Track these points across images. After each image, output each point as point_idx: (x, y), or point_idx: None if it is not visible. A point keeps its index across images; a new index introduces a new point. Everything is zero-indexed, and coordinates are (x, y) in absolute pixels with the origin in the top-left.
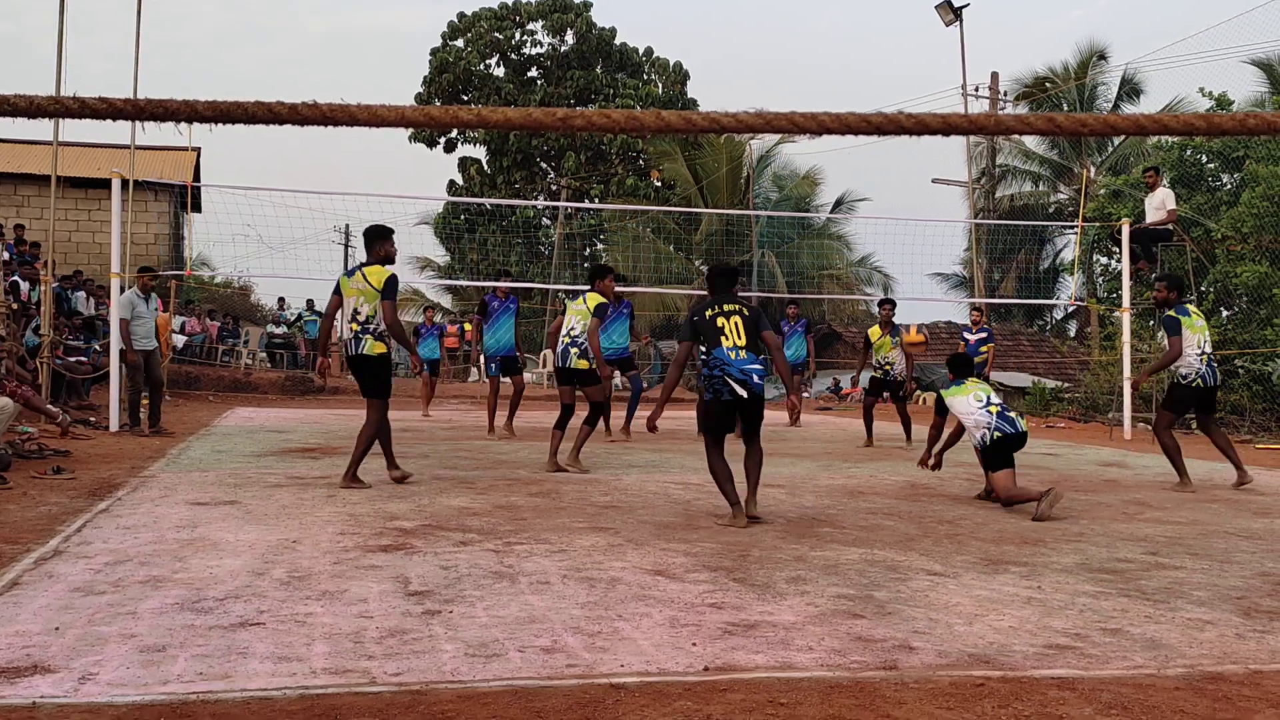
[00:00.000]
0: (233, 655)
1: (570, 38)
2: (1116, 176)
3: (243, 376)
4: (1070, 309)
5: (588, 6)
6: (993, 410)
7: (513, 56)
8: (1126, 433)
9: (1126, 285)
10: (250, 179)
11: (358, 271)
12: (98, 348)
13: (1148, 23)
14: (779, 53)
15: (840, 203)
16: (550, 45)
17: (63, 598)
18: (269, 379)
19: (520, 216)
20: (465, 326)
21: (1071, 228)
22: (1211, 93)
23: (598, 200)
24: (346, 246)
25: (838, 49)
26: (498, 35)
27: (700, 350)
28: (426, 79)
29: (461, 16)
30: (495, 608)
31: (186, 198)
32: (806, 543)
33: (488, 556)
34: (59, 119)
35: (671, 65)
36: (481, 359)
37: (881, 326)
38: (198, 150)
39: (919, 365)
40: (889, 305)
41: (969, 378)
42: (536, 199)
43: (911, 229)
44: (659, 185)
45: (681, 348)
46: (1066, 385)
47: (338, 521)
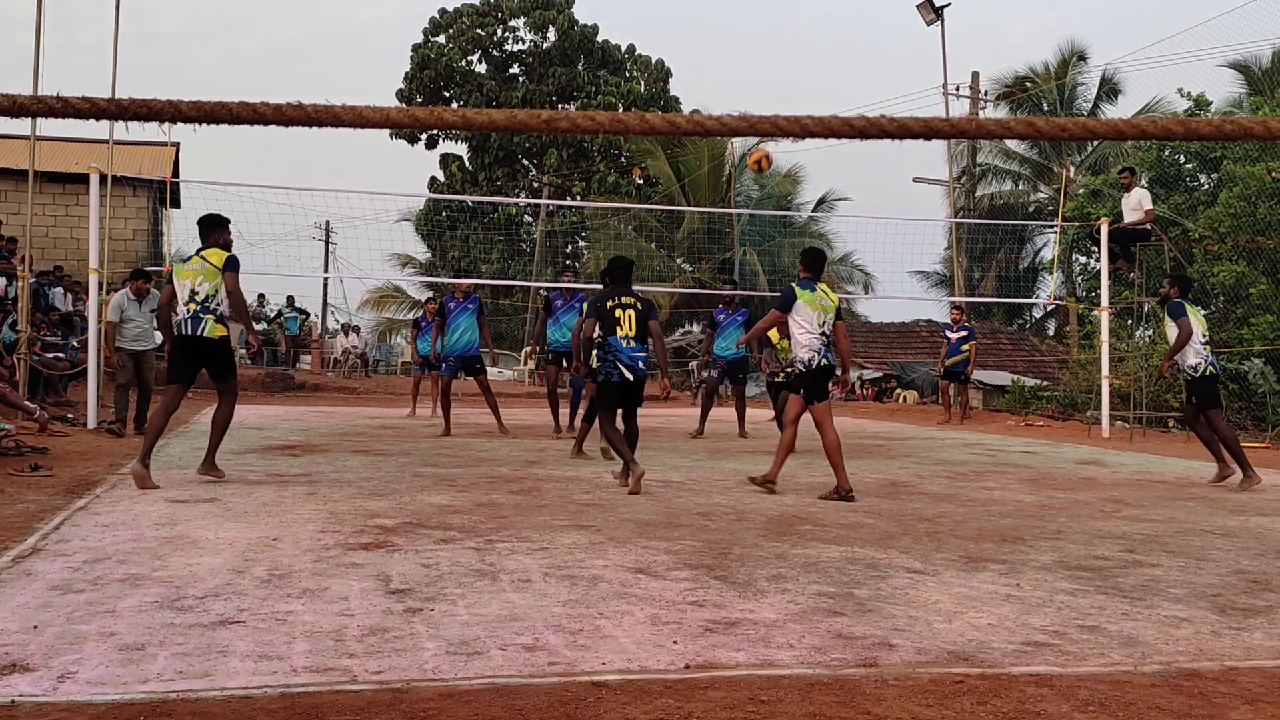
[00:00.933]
0: (213, 654)
1: (552, 35)
2: (1096, 176)
3: None
4: (1050, 308)
5: (570, 3)
6: (824, 339)
7: (494, 53)
8: (1105, 431)
9: (1105, 284)
10: (230, 174)
11: (194, 256)
12: (75, 344)
13: (1127, 24)
14: (761, 51)
15: (822, 201)
16: (532, 42)
17: (41, 596)
18: (249, 376)
19: (502, 214)
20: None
21: (1051, 227)
22: (1190, 93)
23: (580, 198)
24: (327, 243)
25: (820, 46)
26: (479, 32)
27: (597, 335)
28: (408, 75)
29: (443, 13)
30: (477, 606)
31: (165, 193)
32: (787, 540)
33: (469, 554)
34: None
35: (654, 63)
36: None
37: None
38: (177, 145)
39: (899, 364)
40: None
41: (820, 280)
42: (518, 196)
43: (892, 228)
44: (641, 183)
45: (587, 324)
46: (1046, 384)
47: (318, 519)
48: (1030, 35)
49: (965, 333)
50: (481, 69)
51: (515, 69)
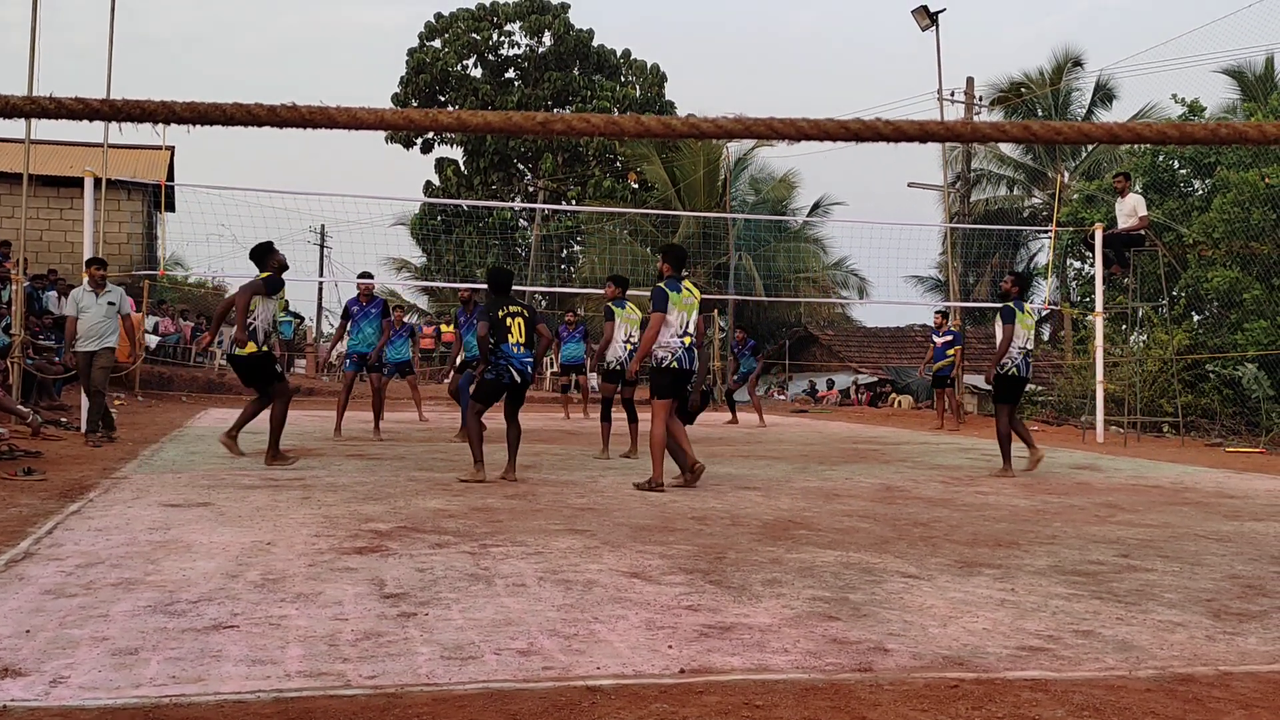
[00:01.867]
0: (206, 658)
1: (548, 39)
2: (1090, 181)
3: (216, 377)
4: (1044, 313)
5: (566, 8)
6: (685, 341)
7: (490, 58)
8: (1099, 436)
9: (1100, 289)
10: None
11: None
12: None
13: (1122, 30)
14: (757, 56)
15: (817, 206)
16: (528, 46)
17: (34, 600)
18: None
19: (497, 218)
20: (442, 328)
21: (1045, 232)
22: (1184, 99)
23: (575, 202)
24: (322, 247)
25: (816, 51)
26: (475, 36)
27: (490, 341)
28: (403, 79)
29: (439, 17)
30: (471, 610)
31: (160, 197)
32: (782, 545)
33: (463, 559)
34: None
35: (649, 67)
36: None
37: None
38: (171, 149)
39: (893, 369)
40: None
41: (685, 280)
42: (513, 200)
43: (887, 232)
44: (636, 187)
45: (482, 327)
46: (1040, 388)
47: (312, 523)
48: (1025, 41)
49: (950, 337)
50: (477, 73)
51: (511, 73)
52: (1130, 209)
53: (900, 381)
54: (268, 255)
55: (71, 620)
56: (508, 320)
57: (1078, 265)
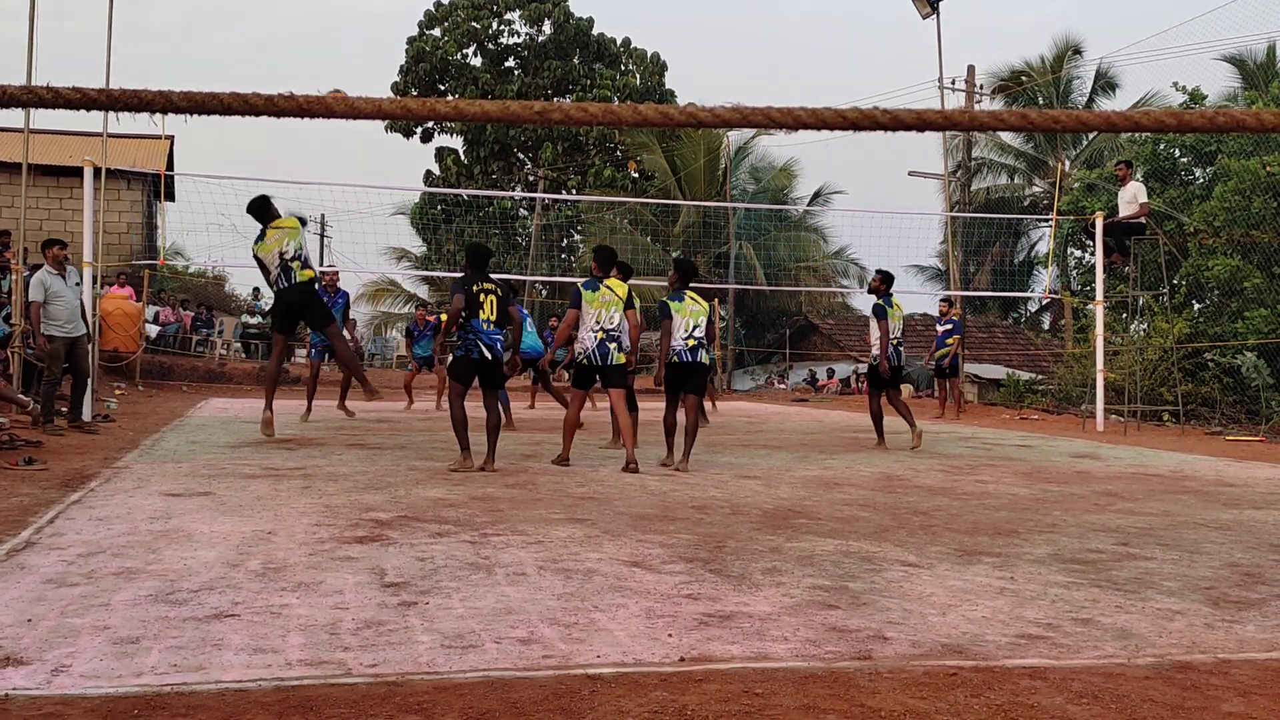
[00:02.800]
0: (207, 647)
1: (548, 28)
2: (1091, 170)
3: (217, 367)
4: (1045, 302)
5: None
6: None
7: (490, 46)
8: (1099, 425)
9: (1100, 278)
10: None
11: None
12: None
13: (1123, 17)
14: (757, 45)
15: (817, 195)
16: (528, 35)
17: (35, 589)
18: (243, 369)
19: (497, 207)
20: (442, 318)
21: (1046, 221)
22: (1185, 87)
23: (575, 191)
24: (323, 237)
25: (816, 40)
26: (475, 25)
27: (461, 315)
28: (403, 68)
29: (438, 5)
30: (471, 599)
31: (160, 186)
32: (782, 534)
33: (464, 548)
34: (31, 108)
35: (649, 56)
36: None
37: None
38: (171, 138)
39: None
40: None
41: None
42: (513, 190)
43: (888, 221)
44: (636, 176)
45: (458, 300)
46: (1040, 377)
47: (313, 513)
48: (1027, 29)
49: (950, 326)
50: (477, 62)
51: (511, 62)
52: (1131, 197)
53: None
54: (268, 209)
55: (73, 609)
56: (481, 296)
57: (1078, 254)
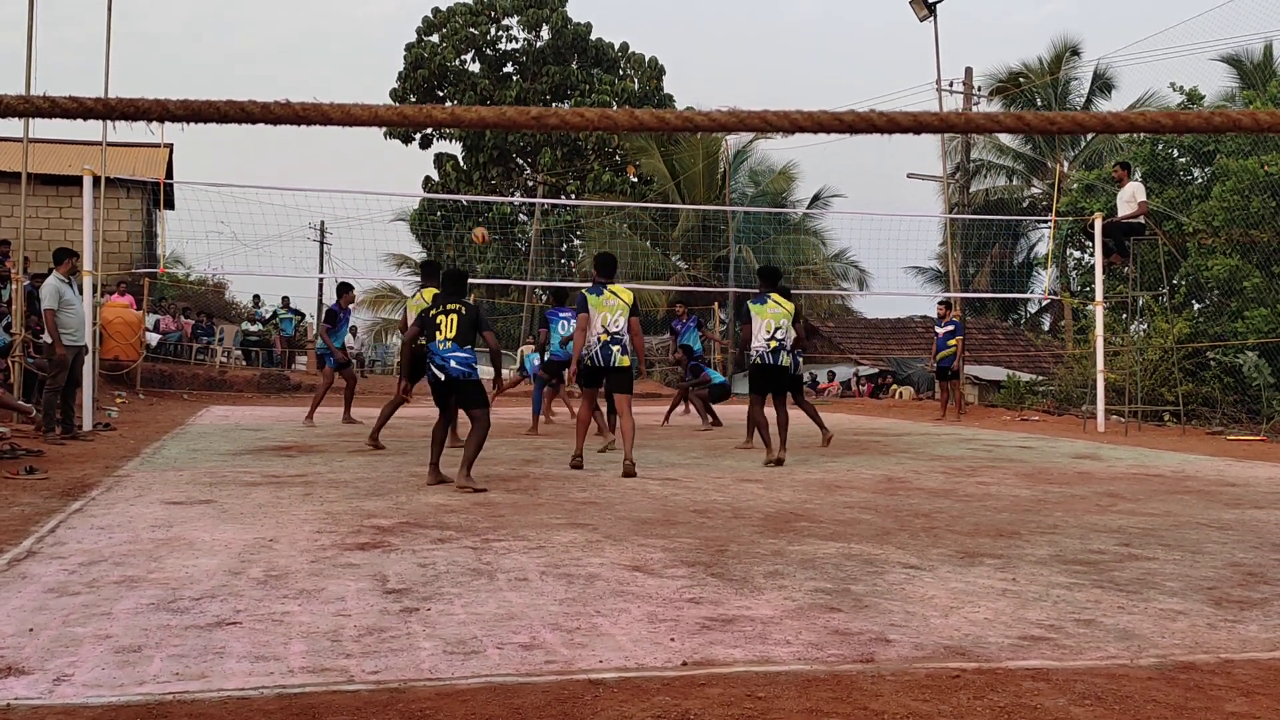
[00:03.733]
0: (209, 655)
1: (546, 33)
2: (1090, 171)
3: (218, 374)
4: (1044, 303)
5: (563, 2)
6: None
7: (488, 52)
8: (1100, 425)
9: (1099, 279)
10: (224, 175)
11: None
12: None
13: (1121, 18)
14: (755, 49)
15: (816, 198)
16: (526, 41)
17: (37, 598)
18: (244, 377)
19: (496, 213)
20: None
21: (1045, 222)
22: (1182, 88)
23: (574, 196)
24: (322, 243)
25: (813, 43)
26: (473, 31)
27: (416, 341)
28: (401, 74)
29: (436, 12)
30: (473, 605)
31: (159, 195)
32: (784, 537)
33: (466, 554)
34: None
35: (647, 60)
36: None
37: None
38: (170, 147)
39: (894, 360)
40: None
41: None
42: (513, 195)
43: (887, 224)
44: (635, 181)
45: (412, 328)
46: (1040, 378)
47: (315, 520)
48: (1024, 30)
49: (951, 327)
50: (475, 68)
51: (509, 68)
52: (1129, 197)
53: (901, 373)
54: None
55: (74, 618)
56: (439, 319)
57: (1078, 255)
